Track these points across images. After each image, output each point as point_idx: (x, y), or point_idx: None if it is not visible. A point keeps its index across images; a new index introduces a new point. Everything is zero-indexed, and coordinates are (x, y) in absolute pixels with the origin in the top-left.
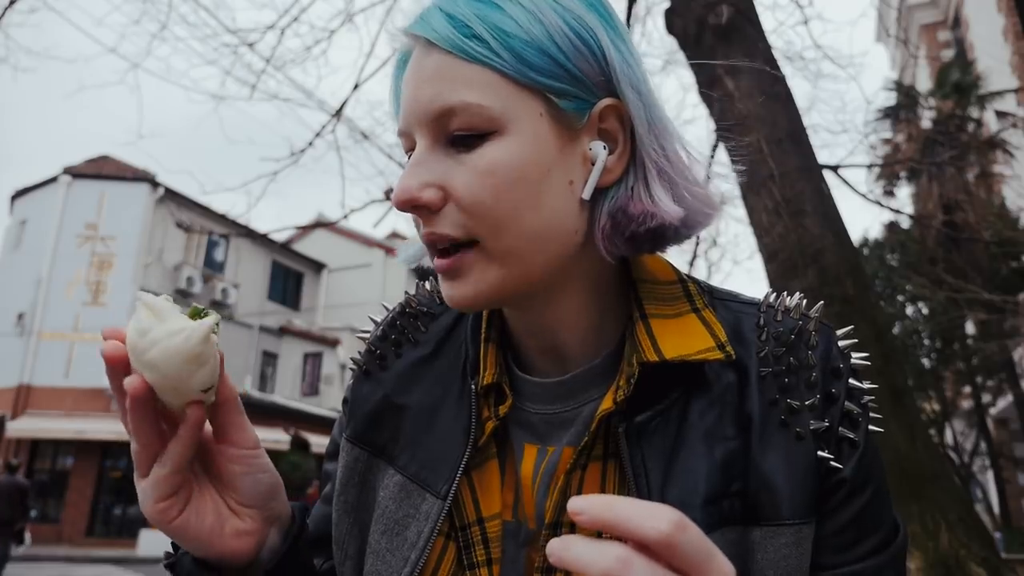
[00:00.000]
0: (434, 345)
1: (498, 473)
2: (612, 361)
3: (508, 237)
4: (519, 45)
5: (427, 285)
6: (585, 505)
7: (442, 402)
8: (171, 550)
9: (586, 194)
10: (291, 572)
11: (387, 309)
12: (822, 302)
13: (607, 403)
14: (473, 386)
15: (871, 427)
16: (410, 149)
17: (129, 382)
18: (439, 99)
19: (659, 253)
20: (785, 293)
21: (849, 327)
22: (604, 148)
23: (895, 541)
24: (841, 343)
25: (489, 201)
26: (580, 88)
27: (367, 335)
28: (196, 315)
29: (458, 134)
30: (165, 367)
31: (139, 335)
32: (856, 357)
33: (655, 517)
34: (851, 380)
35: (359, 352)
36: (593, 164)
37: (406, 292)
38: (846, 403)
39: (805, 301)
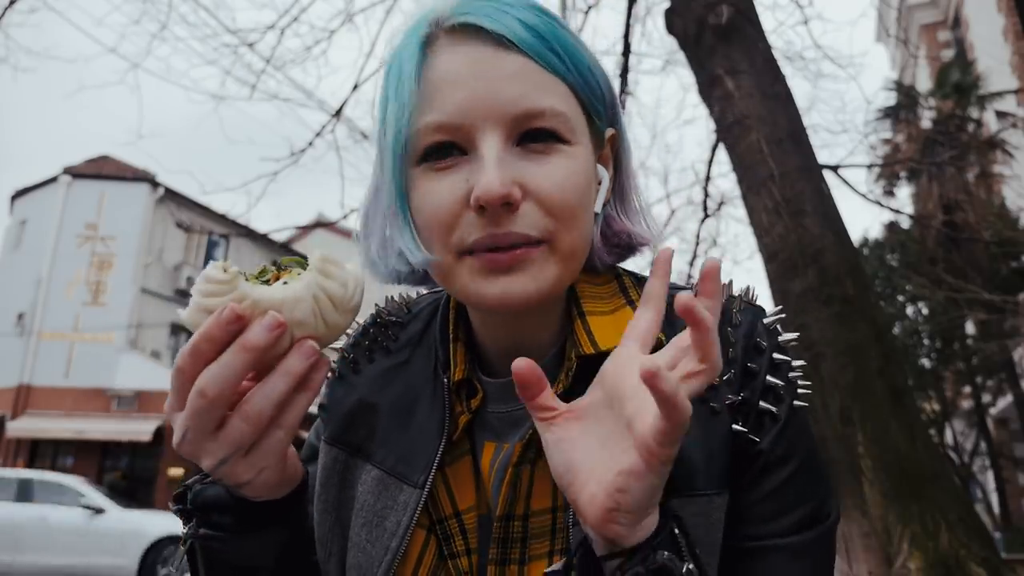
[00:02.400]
0: (406, 352)
1: (471, 469)
2: (558, 360)
3: (575, 237)
4: (582, 67)
5: (396, 296)
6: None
7: (417, 400)
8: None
9: (597, 208)
10: (306, 494)
11: (357, 322)
12: (752, 285)
13: None
14: (446, 380)
15: (797, 403)
16: (448, 143)
17: (313, 347)
18: (527, 100)
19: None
20: (726, 279)
21: (779, 307)
22: (605, 171)
23: (820, 526)
24: (768, 320)
25: (571, 201)
26: (606, 115)
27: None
28: (277, 268)
29: (537, 138)
30: (359, 307)
31: (344, 287)
32: (786, 336)
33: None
34: (775, 355)
35: (332, 360)
36: (599, 184)
37: (376, 304)
38: (768, 377)
39: (733, 282)
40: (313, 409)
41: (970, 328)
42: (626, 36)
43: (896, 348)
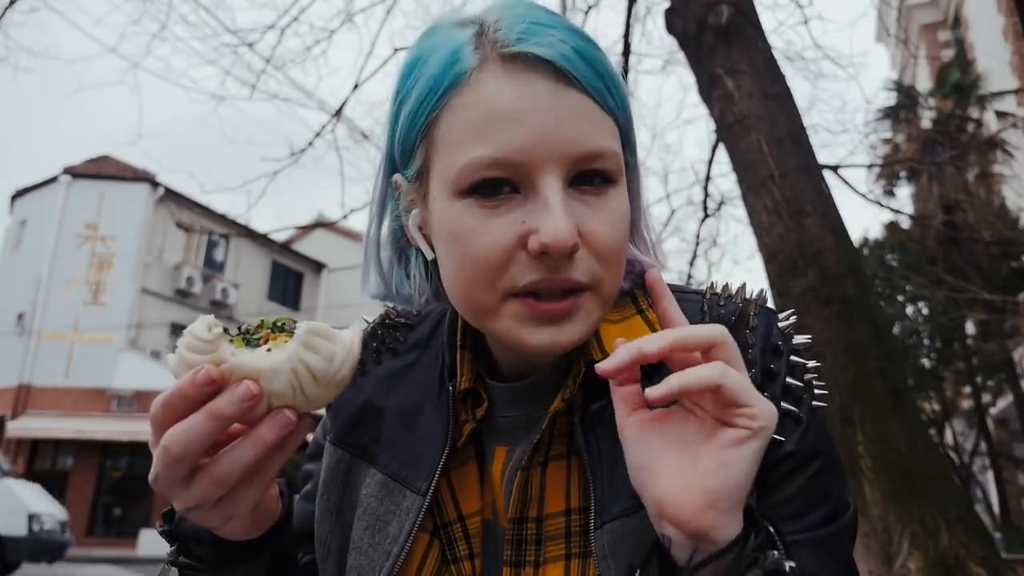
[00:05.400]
0: (413, 354)
1: (477, 473)
2: (568, 365)
3: (617, 279)
4: (625, 103)
5: None
6: (611, 357)
7: (422, 405)
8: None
9: None
10: (287, 527)
11: (367, 321)
12: (763, 288)
13: (557, 403)
14: (451, 388)
15: (816, 403)
16: (502, 180)
17: (288, 417)
18: (589, 141)
19: None
20: (728, 282)
21: (791, 311)
22: None
23: (843, 517)
24: (782, 324)
25: (619, 247)
26: (633, 145)
27: None
28: (272, 328)
29: (594, 180)
30: (348, 379)
31: (328, 361)
32: (798, 338)
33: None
34: (792, 357)
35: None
36: None
37: (385, 305)
38: (787, 379)
39: (746, 285)
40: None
41: (970, 328)
42: (626, 36)
43: (896, 348)
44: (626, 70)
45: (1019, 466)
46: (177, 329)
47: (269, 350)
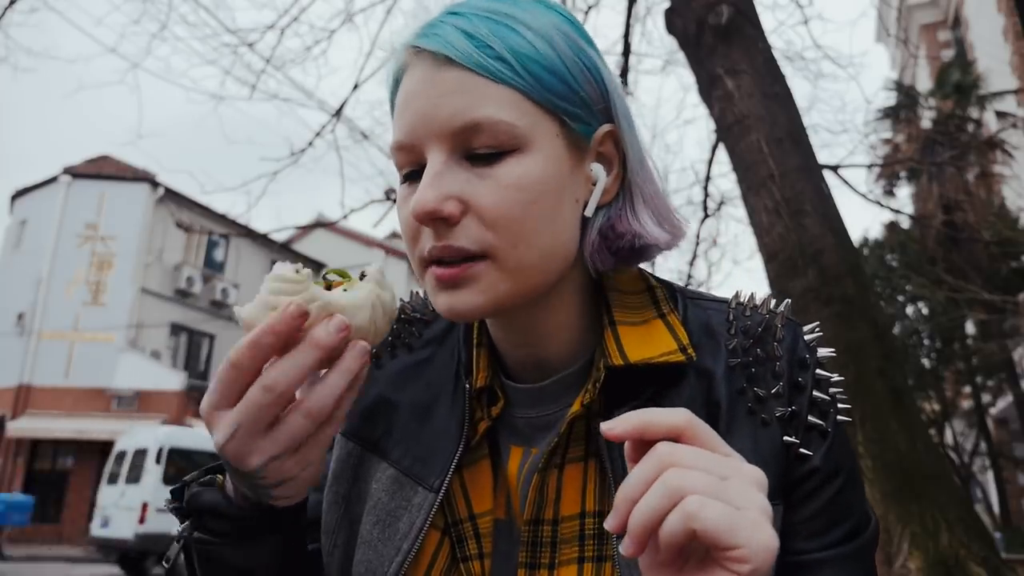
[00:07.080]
0: (428, 350)
1: (490, 473)
2: (588, 367)
3: (525, 251)
4: (538, 68)
5: (421, 292)
6: (615, 422)
7: (436, 401)
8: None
9: (589, 212)
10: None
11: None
12: (789, 299)
13: (576, 407)
14: (467, 385)
15: (840, 417)
16: (409, 164)
17: (365, 347)
18: (464, 113)
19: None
20: (753, 292)
21: (815, 323)
22: (603, 170)
23: (865, 532)
24: (807, 337)
25: (516, 215)
26: (587, 113)
27: None
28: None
29: (480, 150)
30: (393, 311)
31: (393, 299)
32: (823, 351)
33: (673, 414)
34: (818, 371)
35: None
36: (594, 184)
37: (400, 299)
38: (814, 392)
39: (771, 298)
40: None
41: (970, 328)
42: (626, 36)
43: (896, 348)
44: (626, 70)
45: (1019, 466)
46: (177, 329)
47: (345, 290)
